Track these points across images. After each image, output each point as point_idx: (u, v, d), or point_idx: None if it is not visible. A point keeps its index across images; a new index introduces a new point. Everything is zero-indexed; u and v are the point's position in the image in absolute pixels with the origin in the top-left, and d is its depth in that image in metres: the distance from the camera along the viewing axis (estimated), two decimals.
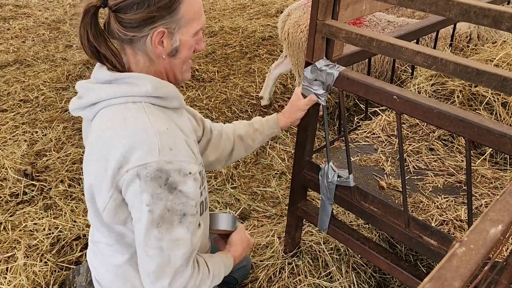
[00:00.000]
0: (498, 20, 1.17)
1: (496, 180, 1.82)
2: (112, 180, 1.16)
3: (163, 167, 1.13)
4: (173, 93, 1.26)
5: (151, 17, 1.15)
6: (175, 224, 1.20)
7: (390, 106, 1.46)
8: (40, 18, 5.28)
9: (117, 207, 1.22)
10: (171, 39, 1.21)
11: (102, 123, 1.21)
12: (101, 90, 1.21)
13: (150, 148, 1.13)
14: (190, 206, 1.21)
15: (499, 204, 0.71)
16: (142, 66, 1.24)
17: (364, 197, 1.69)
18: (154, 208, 1.16)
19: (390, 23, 2.89)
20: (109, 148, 1.17)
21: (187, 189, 1.18)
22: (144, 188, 1.14)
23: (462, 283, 0.56)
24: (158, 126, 1.17)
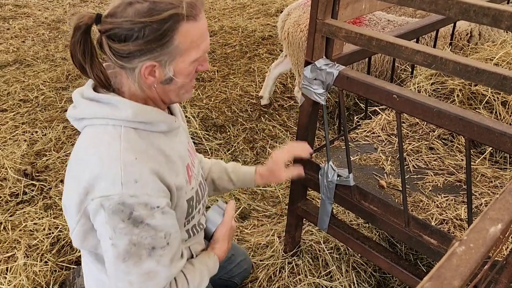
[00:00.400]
0: (498, 19, 1.17)
1: (496, 179, 1.82)
2: (79, 205, 1.14)
3: (125, 200, 1.08)
4: (157, 118, 1.19)
5: (139, 50, 1.09)
6: (144, 258, 1.15)
7: (390, 105, 1.46)
8: (39, 18, 5.28)
9: (85, 233, 1.19)
10: (163, 70, 1.14)
11: (80, 142, 1.19)
12: (86, 107, 1.17)
13: (114, 180, 1.09)
14: (159, 239, 1.15)
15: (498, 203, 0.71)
16: (133, 90, 1.18)
17: (364, 196, 1.69)
18: (117, 242, 1.11)
19: (390, 22, 2.89)
20: (79, 172, 1.14)
21: (155, 223, 1.13)
22: (107, 221, 1.10)
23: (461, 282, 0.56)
24: (127, 156, 1.11)
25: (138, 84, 1.15)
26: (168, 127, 1.23)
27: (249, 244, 2.27)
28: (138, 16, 1.07)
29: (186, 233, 1.39)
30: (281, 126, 3.34)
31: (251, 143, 3.14)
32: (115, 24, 1.08)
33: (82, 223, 1.17)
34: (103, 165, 1.10)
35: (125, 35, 1.08)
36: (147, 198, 1.11)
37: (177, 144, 1.29)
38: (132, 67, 1.12)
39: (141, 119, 1.16)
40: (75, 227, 1.19)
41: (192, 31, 1.13)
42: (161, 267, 1.18)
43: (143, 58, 1.10)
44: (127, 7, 1.08)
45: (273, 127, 3.32)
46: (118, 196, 1.08)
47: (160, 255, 1.17)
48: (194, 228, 1.43)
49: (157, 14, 1.07)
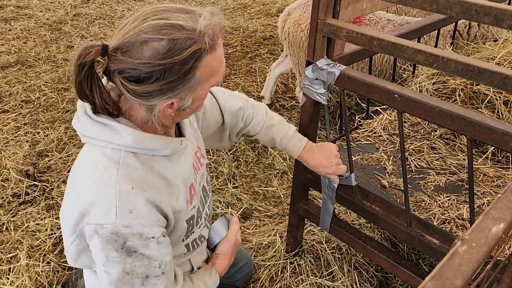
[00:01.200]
0: (500, 18, 1.17)
1: (498, 179, 1.82)
2: (75, 226, 1.13)
3: (119, 231, 1.06)
4: (159, 146, 1.14)
5: (159, 90, 1.02)
6: (137, 287, 1.13)
7: (391, 105, 1.45)
8: (41, 19, 5.29)
9: (79, 253, 1.18)
10: (182, 101, 1.09)
11: (81, 159, 1.16)
12: (87, 126, 1.12)
13: (108, 209, 1.06)
14: (153, 268, 1.13)
15: (501, 202, 0.71)
16: (146, 118, 1.13)
17: (366, 196, 1.69)
18: (110, 270, 1.10)
19: (390, 22, 2.88)
20: (76, 193, 1.12)
21: (149, 252, 1.11)
22: (101, 247, 1.08)
23: (464, 281, 0.56)
24: (123, 185, 1.07)
25: (156, 118, 1.10)
26: (171, 152, 1.19)
27: (251, 244, 2.27)
28: (157, 58, 0.99)
29: (185, 247, 1.37)
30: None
31: (252, 143, 3.14)
32: (130, 64, 1.00)
33: (77, 243, 1.16)
34: (98, 192, 1.08)
35: (143, 77, 1.01)
36: (142, 229, 1.08)
37: (181, 165, 1.24)
38: (150, 105, 1.06)
39: (140, 146, 1.11)
40: (70, 246, 1.18)
41: (213, 61, 1.07)
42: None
43: (163, 97, 1.05)
44: (142, 46, 0.99)
45: None
46: (111, 226, 1.06)
47: (154, 284, 1.15)
48: (194, 242, 1.41)
49: (178, 54, 1.00)
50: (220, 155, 2.98)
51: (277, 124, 1.65)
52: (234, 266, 1.88)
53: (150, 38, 0.99)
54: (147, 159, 1.15)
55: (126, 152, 1.11)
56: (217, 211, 2.53)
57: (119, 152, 1.11)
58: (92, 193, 1.08)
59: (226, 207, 2.57)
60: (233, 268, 1.87)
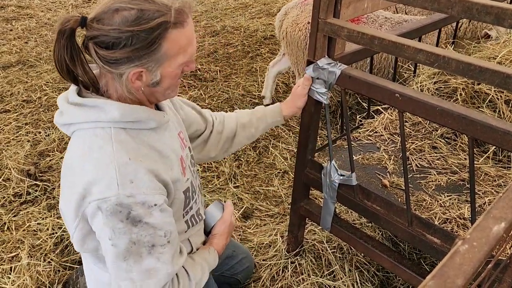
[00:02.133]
0: (501, 17, 1.17)
1: (500, 178, 1.82)
2: (76, 210, 1.14)
3: (122, 201, 1.09)
4: (145, 116, 1.19)
5: (127, 57, 1.09)
6: (144, 256, 1.16)
7: (392, 104, 1.45)
8: (42, 19, 5.30)
9: (84, 236, 1.19)
10: (150, 75, 1.15)
11: (72, 148, 1.19)
12: (72, 113, 1.17)
13: (109, 182, 1.09)
14: (158, 237, 1.16)
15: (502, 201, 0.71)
16: (120, 92, 1.18)
17: (367, 196, 1.69)
18: (117, 242, 1.12)
19: (387, 20, 2.88)
20: (75, 178, 1.14)
21: (153, 221, 1.14)
22: (105, 222, 1.10)
23: (465, 280, 0.56)
24: (120, 157, 1.11)
25: (125, 87, 1.15)
26: (157, 123, 1.23)
27: (252, 243, 2.27)
28: (126, 25, 1.06)
29: (185, 224, 1.41)
30: (283, 125, 3.33)
31: (253, 142, 3.14)
32: (102, 31, 1.07)
33: (81, 227, 1.17)
34: (98, 170, 1.11)
35: (112, 43, 1.08)
36: (144, 197, 1.12)
37: (168, 138, 1.30)
38: (119, 72, 1.12)
39: (128, 119, 1.16)
40: (74, 232, 1.19)
41: (180, 37, 1.13)
42: (161, 264, 1.18)
43: (131, 65, 1.10)
44: (114, 14, 1.07)
45: (275, 126, 3.32)
46: (115, 198, 1.09)
47: (160, 253, 1.18)
48: (193, 218, 1.44)
49: (145, 23, 1.06)
50: None
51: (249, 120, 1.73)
52: (233, 258, 1.90)
53: (122, 7, 1.07)
54: (136, 133, 1.19)
55: (116, 128, 1.16)
56: None
57: (109, 129, 1.15)
58: (91, 172, 1.11)
59: None
60: (233, 260, 1.90)
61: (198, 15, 5.49)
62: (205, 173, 2.84)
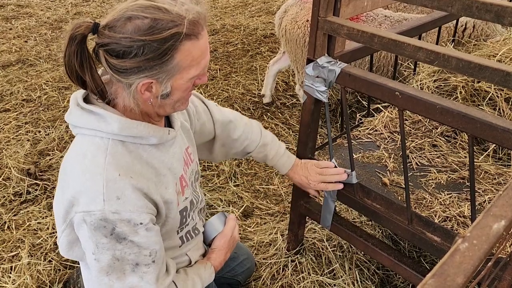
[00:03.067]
0: (501, 15, 1.17)
1: (500, 176, 1.81)
2: (64, 215, 1.14)
3: (107, 217, 1.07)
4: (145, 133, 1.16)
5: (138, 67, 1.06)
6: (127, 273, 1.14)
7: (392, 103, 1.45)
8: (42, 18, 5.29)
9: (70, 243, 1.19)
10: (160, 86, 1.12)
11: (71, 149, 1.18)
12: (77, 116, 1.16)
13: (95, 196, 1.08)
14: (143, 256, 1.14)
15: (502, 199, 0.71)
16: (127, 102, 1.16)
17: (367, 194, 1.69)
18: (100, 257, 1.11)
19: (387, 18, 2.88)
20: (66, 182, 1.14)
21: (138, 240, 1.12)
22: (89, 235, 1.09)
23: (465, 279, 0.56)
24: (110, 172, 1.09)
25: (134, 98, 1.13)
26: (158, 140, 1.21)
27: (252, 242, 2.28)
28: (138, 34, 1.03)
29: (179, 239, 1.38)
30: (283, 124, 3.33)
31: None
32: (113, 39, 1.05)
33: (67, 233, 1.17)
34: (86, 179, 1.09)
35: (123, 51, 1.05)
36: (129, 215, 1.10)
37: (169, 156, 1.26)
38: (128, 82, 1.09)
39: (128, 133, 1.14)
40: (61, 236, 1.19)
41: (193, 49, 1.10)
42: (144, 283, 1.16)
43: (141, 75, 1.07)
44: (126, 22, 1.04)
45: (275, 125, 3.32)
46: (100, 212, 1.07)
47: (144, 272, 1.16)
48: (188, 234, 1.42)
49: (158, 33, 1.03)
50: None
51: (270, 142, 1.74)
52: (235, 260, 1.89)
53: (135, 15, 1.04)
54: (135, 147, 1.17)
55: (114, 140, 1.14)
56: (218, 209, 2.54)
57: (107, 140, 1.14)
58: (80, 181, 1.10)
59: (227, 205, 2.57)
60: (234, 262, 1.89)
61: None
62: (205, 171, 2.84)
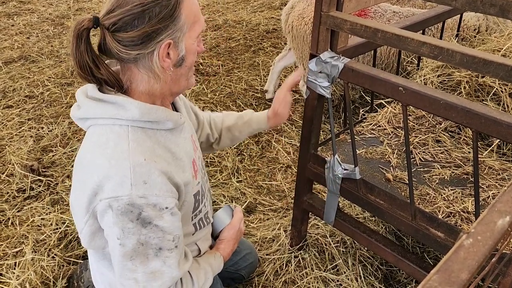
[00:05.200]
0: (506, 9, 1.16)
1: (504, 172, 1.81)
2: (87, 206, 1.14)
3: (135, 201, 1.08)
4: (163, 117, 1.19)
5: (155, 30, 1.08)
6: (150, 258, 1.15)
7: (396, 98, 1.44)
8: (44, 14, 5.29)
9: (93, 233, 1.19)
10: (177, 49, 1.15)
11: (87, 142, 1.18)
12: (90, 108, 1.16)
13: (122, 181, 1.08)
14: (167, 241, 1.16)
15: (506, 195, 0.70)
16: (145, 84, 1.18)
17: (370, 190, 1.68)
18: (125, 242, 1.12)
19: (395, 14, 2.86)
20: (87, 173, 1.14)
21: (163, 224, 1.13)
22: (115, 221, 1.10)
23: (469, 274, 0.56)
24: (135, 156, 1.11)
25: (153, 72, 1.15)
26: (174, 124, 1.23)
27: (255, 238, 2.28)
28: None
29: (193, 226, 1.40)
30: (286, 120, 3.32)
31: (256, 137, 3.13)
32: (123, 13, 1.07)
33: (90, 223, 1.17)
34: (111, 166, 1.10)
35: (137, 19, 1.07)
36: (156, 199, 1.11)
37: (182, 141, 1.29)
38: (149, 51, 1.11)
39: (147, 118, 1.16)
40: (83, 228, 1.19)
41: (192, 5, 1.17)
42: (167, 267, 1.18)
43: (160, 37, 1.10)
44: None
45: None
46: (127, 197, 1.08)
47: (167, 257, 1.17)
48: (201, 221, 1.44)
49: None
50: (224, 149, 2.98)
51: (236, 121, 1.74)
52: (238, 254, 1.90)
53: None
54: (152, 133, 1.19)
55: (133, 127, 1.15)
56: (221, 205, 2.54)
57: (126, 127, 1.14)
58: (105, 169, 1.10)
59: (230, 201, 2.57)
60: (237, 256, 1.90)
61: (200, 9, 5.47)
62: (208, 167, 2.84)
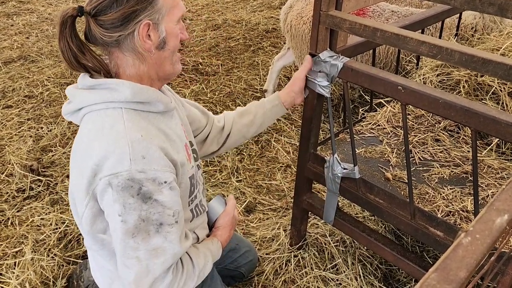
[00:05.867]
0: (504, 8, 1.16)
1: (503, 170, 1.81)
2: (87, 188, 1.15)
3: (134, 176, 1.11)
4: (154, 97, 1.23)
5: (133, 11, 1.14)
6: (152, 234, 1.17)
7: (395, 97, 1.45)
8: (43, 14, 5.29)
9: (94, 216, 1.21)
10: (157, 31, 1.19)
11: (82, 130, 1.21)
12: (84, 96, 1.20)
13: (121, 157, 1.11)
14: (167, 216, 1.18)
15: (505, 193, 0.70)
16: (131, 68, 1.22)
17: (370, 189, 1.68)
18: (127, 218, 1.13)
19: (394, 13, 2.86)
20: (85, 156, 1.16)
21: (163, 198, 1.15)
22: (116, 198, 1.12)
23: (467, 273, 0.56)
24: (132, 134, 1.14)
25: (136, 53, 1.19)
26: (165, 107, 1.27)
27: (255, 237, 2.28)
28: None
29: (190, 212, 1.43)
30: (286, 119, 3.33)
31: (255, 137, 3.13)
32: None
33: (91, 205, 1.19)
34: (109, 145, 1.13)
35: (116, 1, 1.13)
36: (155, 173, 1.14)
37: (173, 125, 1.33)
38: (129, 32, 1.15)
39: (139, 99, 1.19)
40: (84, 211, 1.20)
41: None
42: (168, 243, 1.20)
43: (138, 18, 1.15)
44: None
45: (278, 120, 3.31)
46: (127, 173, 1.11)
47: (168, 232, 1.19)
48: (197, 207, 1.46)
49: None
50: None
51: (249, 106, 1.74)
52: (237, 251, 1.91)
53: None
54: (145, 115, 1.22)
55: (127, 109, 1.19)
56: None
57: (120, 110, 1.18)
58: (102, 149, 1.13)
59: None
60: (236, 253, 1.91)
61: (199, 8, 5.47)
62: (207, 167, 2.84)
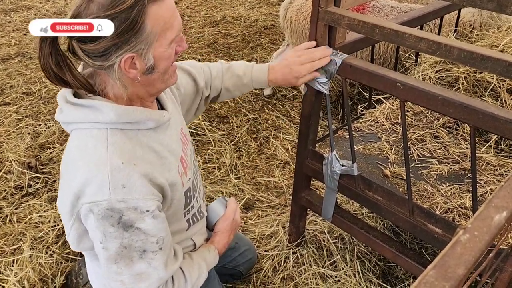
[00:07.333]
0: (503, 4, 1.15)
1: (501, 167, 1.81)
2: (71, 210, 1.14)
3: (114, 206, 1.08)
4: (142, 117, 1.16)
5: (114, 44, 1.04)
6: (135, 260, 1.15)
7: (393, 94, 1.44)
8: (41, 10, 5.26)
9: (80, 236, 1.19)
10: (144, 60, 1.10)
11: (69, 146, 1.18)
12: (69, 112, 1.15)
13: (101, 185, 1.07)
14: (150, 243, 1.15)
15: (503, 190, 0.70)
16: (118, 90, 1.15)
17: (368, 186, 1.68)
18: (108, 245, 1.12)
19: (393, 9, 2.86)
20: (69, 177, 1.14)
21: (145, 227, 1.12)
22: (97, 225, 1.10)
23: (466, 270, 0.55)
24: (114, 160, 1.09)
25: (120, 80, 1.11)
26: (155, 124, 1.20)
27: (253, 234, 2.28)
28: (103, 10, 1.02)
29: (186, 222, 1.40)
30: (284, 116, 3.32)
31: (254, 133, 3.13)
32: None
33: (76, 227, 1.17)
34: (90, 170, 1.09)
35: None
36: (136, 202, 1.10)
37: (167, 138, 1.26)
38: (110, 64, 1.08)
39: (125, 120, 1.13)
40: (70, 231, 1.19)
41: (162, 11, 1.07)
42: (152, 269, 1.18)
43: (120, 51, 1.06)
44: (89, 4, 1.04)
45: (276, 117, 3.31)
46: (106, 202, 1.07)
47: (152, 258, 1.17)
48: (194, 216, 1.43)
49: (122, 3, 1.02)
50: (222, 146, 2.98)
51: (234, 63, 1.65)
52: (236, 250, 1.90)
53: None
54: (134, 134, 1.17)
55: (112, 129, 1.13)
56: None
57: (105, 130, 1.12)
58: (84, 173, 1.09)
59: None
60: (235, 252, 1.90)
61: (197, 5, 5.45)
62: (206, 164, 2.84)
